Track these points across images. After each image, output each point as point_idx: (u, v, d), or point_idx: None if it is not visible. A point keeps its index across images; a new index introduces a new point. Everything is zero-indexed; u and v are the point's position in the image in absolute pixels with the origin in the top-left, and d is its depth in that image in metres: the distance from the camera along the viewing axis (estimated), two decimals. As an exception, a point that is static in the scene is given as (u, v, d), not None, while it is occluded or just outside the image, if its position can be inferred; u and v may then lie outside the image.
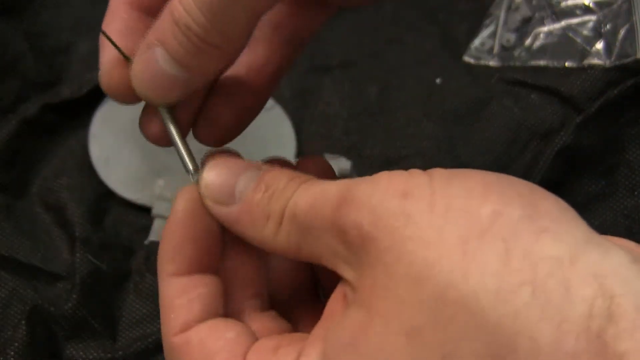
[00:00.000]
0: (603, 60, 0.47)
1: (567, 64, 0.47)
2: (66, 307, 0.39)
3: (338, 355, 0.19)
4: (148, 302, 0.41)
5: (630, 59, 0.46)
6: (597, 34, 0.48)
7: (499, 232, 0.18)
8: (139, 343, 0.39)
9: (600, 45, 0.47)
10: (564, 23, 0.48)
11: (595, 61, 0.47)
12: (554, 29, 0.49)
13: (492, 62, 0.48)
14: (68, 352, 0.39)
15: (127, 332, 0.40)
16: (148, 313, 0.41)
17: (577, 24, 0.48)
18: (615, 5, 0.48)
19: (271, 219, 0.22)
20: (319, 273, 0.27)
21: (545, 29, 0.49)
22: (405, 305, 0.18)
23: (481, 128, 0.45)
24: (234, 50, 0.24)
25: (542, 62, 0.47)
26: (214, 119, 0.27)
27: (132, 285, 0.41)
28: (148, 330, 0.40)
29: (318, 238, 0.21)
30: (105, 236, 0.42)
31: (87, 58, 0.48)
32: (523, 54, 0.48)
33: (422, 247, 0.18)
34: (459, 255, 0.18)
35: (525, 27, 0.49)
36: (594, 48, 0.47)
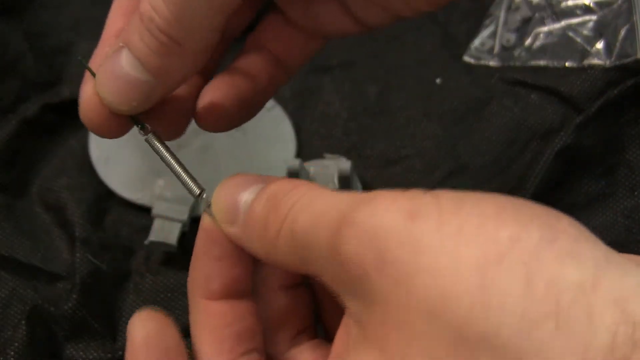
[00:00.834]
0: (603, 60, 0.47)
1: (567, 64, 0.47)
2: (66, 307, 0.39)
3: None
4: (148, 302, 0.41)
5: (630, 59, 0.46)
6: (598, 34, 0.48)
7: (519, 256, 0.17)
8: (139, 343, 0.39)
9: (600, 45, 0.47)
10: (564, 23, 0.48)
11: (596, 61, 0.47)
12: (554, 29, 0.49)
13: (492, 62, 0.48)
14: (68, 352, 0.39)
15: (127, 332, 0.40)
16: (148, 313, 0.41)
17: (577, 23, 0.48)
18: (616, 5, 0.48)
19: (271, 232, 0.22)
20: (321, 300, 0.26)
21: (545, 29, 0.49)
22: (423, 342, 0.17)
23: (481, 128, 0.45)
24: (198, 50, 0.24)
25: (542, 62, 0.47)
26: (215, 103, 0.27)
27: (132, 285, 0.41)
28: (148, 330, 0.40)
29: (318, 260, 0.20)
30: (105, 236, 0.42)
31: (87, 58, 0.47)
32: (523, 54, 0.48)
33: (437, 277, 0.17)
34: (478, 286, 0.17)
35: (525, 27, 0.49)
36: (594, 48, 0.47)
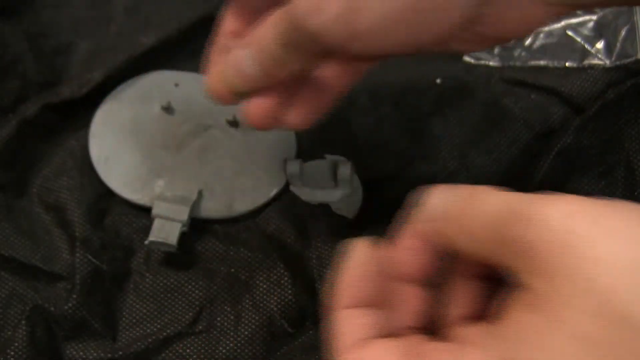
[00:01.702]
0: (603, 60, 0.47)
1: (567, 64, 0.47)
2: (66, 307, 0.39)
3: (518, 353, 0.21)
4: (148, 302, 0.41)
5: (630, 59, 0.46)
6: (598, 34, 0.48)
7: None
8: (139, 343, 0.40)
9: (600, 45, 0.47)
10: (564, 23, 0.48)
11: (596, 61, 0.47)
12: (554, 28, 0.49)
13: (492, 62, 0.48)
14: (68, 352, 0.39)
15: (127, 332, 0.40)
16: (148, 313, 0.41)
17: (577, 23, 0.48)
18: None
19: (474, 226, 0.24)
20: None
21: (546, 28, 0.49)
22: (585, 319, 0.20)
23: (481, 128, 0.45)
24: (301, 70, 0.31)
25: (542, 62, 0.47)
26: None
27: (132, 285, 0.42)
28: (148, 330, 0.40)
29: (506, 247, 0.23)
30: (105, 236, 0.42)
31: (87, 58, 0.48)
32: (523, 54, 0.48)
33: (599, 269, 0.20)
34: (637, 283, 0.20)
35: (526, 27, 0.49)
36: (594, 48, 0.47)
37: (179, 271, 0.42)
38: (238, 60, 0.31)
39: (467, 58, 0.48)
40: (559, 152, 0.42)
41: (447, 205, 0.25)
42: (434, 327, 0.27)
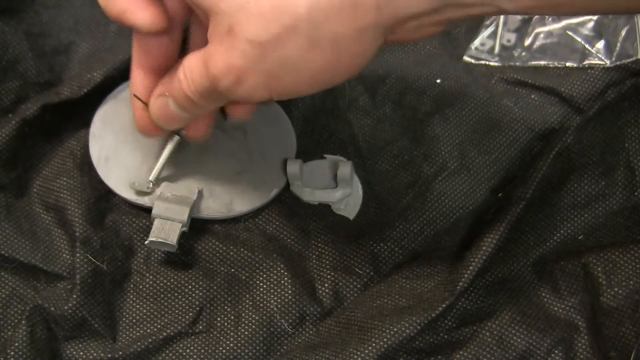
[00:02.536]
0: (603, 60, 0.47)
1: (567, 64, 0.47)
2: (66, 307, 0.39)
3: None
4: (148, 302, 0.41)
5: (630, 59, 0.46)
6: (598, 34, 0.48)
7: None
8: (139, 343, 0.40)
9: (600, 45, 0.47)
10: (564, 23, 0.48)
11: (596, 61, 0.47)
12: (554, 29, 0.49)
13: (492, 62, 0.48)
14: (68, 352, 0.39)
15: (127, 332, 0.40)
16: (148, 313, 0.41)
17: (577, 23, 0.48)
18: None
19: None
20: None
21: (546, 29, 0.49)
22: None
23: (481, 128, 0.45)
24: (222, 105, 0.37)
25: (542, 62, 0.47)
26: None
27: (132, 285, 0.42)
28: (148, 330, 0.40)
29: None
30: (105, 236, 0.42)
31: (87, 58, 0.48)
32: (523, 54, 0.48)
33: None
34: None
35: (526, 27, 0.49)
36: (594, 48, 0.47)
37: (179, 271, 0.42)
38: (163, 107, 0.36)
39: (467, 58, 0.48)
40: (559, 152, 0.42)
41: None
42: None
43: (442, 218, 0.43)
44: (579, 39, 0.48)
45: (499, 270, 0.40)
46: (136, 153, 0.44)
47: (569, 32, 0.48)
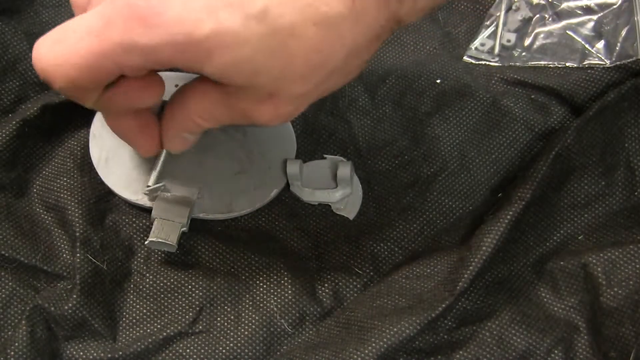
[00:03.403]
0: (603, 60, 0.47)
1: (567, 64, 0.47)
2: (66, 307, 0.39)
3: None
4: (148, 302, 0.41)
5: (630, 60, 0.46)
6: (598, 34, 0.48)
7: None
8: (139, 343, 0.40)
9: (600, 46, 0.47)
10: (564, 23, 0.48)
11: (596, 61, 0.47)
12: (555, 29, 0.49)
13: (492, 62, 0.48)
14: (68, 352, 0.39)
15: (127, 332, 0.40)
16: (148, 313, 0.41)
17: (577, 23, 0.48)
18: (616, 6, 0.48)
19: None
20: None
21: (546, 29, 0.49)
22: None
23: (481, 128, 0.45)
24: None
25: (542, 62, 0.47)
26: None
27: (132, 285, 0.42)
28: (148, 330, 0.40)
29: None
30: (105, 236, 0.42)
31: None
32: (523, 54, 0.48)
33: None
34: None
35: (526, 27, 0.49)
36: (594, 48, 0.47)
37: (179, 271, 0.42)
38: (183, 142, 0.37)
39: (467, 58, 0.48)
40: (559, 152, 0.42)
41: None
42: None
43: (442, 218, 0.43)
44: (579, 39, 0.48)
45: (499, 270, 0.40)
46: (136, 153, 0.44)
47: (569, 32, 0.48)
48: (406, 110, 0.46)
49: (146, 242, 0.40)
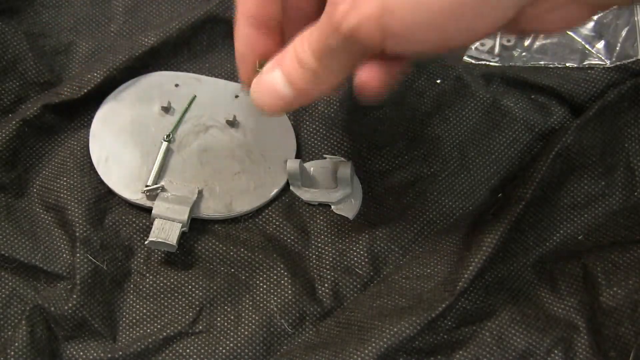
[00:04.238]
0: (603, 61, 0.47)
1: (567, 64, 0.47)
2: (66, 307, 0.39)
3: None
4: (148, 302, 0.41)
5: (630, 60, 0.46)
6: (598, 34, 0.48)
7: None
8: (139, 343, 0.40)
9: (600, 46, 0.47)
10: (564, 23, 0.48)
11: (596, 61, 0.47)
12: (554, 29, 0.48)
13: (492, 62, 0.48)
14: (68, 352, 0.39)
15: (127, 332, 0.40)
16: (148, 313, 0.41)
17: (577, 23, 0.48)
18: (616, 6, 0.48)
19: None
20: None
21: (546, 29, 0.48)
22: None
23: (481, 128, 0.45)
24: (332, 85, 0.31)
25: (542, 62, 0.47)
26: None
27: (132, 285, 0.42)
28: (148, 330, 0.40)
29: None
30: (105, 236, 0.42)
31: (87, 58, 0.48)
32: (523, 54, 0.48)
33: None
34: None
35: (526, 27, 0.49)
36: (594, 48, 0.47)
37: (179, 271, 0.42)
38: (271, 85, 0.32)
39: (467, 58, 0.48)
40: (559, 152, 0.42)
41: None
42: None
43: (442, 218, 0.43)
44: (579, 39, 0.48)
45: (499, 270, 0.40)
46: (136, 153, 0.44)
47: (569, 32, 0.48)
48: (406, 110, 0.46)
49: (146, 242, 0.40)
